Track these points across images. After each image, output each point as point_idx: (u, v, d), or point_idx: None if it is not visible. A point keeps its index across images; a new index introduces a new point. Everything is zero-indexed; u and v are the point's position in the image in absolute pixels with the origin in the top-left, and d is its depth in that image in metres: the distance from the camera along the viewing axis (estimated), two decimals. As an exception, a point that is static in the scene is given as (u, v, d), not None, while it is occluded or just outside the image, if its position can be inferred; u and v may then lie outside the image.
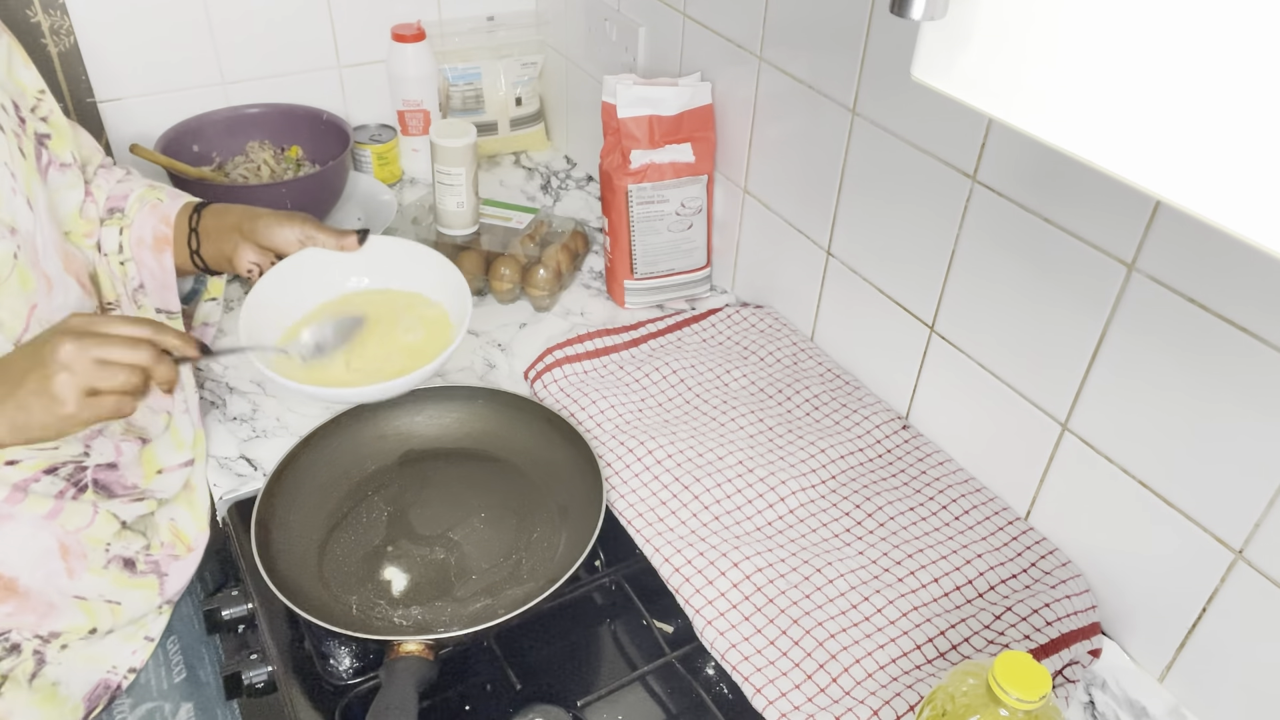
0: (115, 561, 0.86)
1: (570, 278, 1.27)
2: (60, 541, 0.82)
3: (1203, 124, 0.37)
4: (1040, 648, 0.78)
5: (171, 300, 0.93)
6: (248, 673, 0.83)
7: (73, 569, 0.84)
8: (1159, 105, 0.38)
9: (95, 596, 0.85)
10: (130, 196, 0.94)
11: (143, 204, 0.94)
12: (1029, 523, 0.90)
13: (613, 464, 0.95)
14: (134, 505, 0.87)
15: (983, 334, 0.90)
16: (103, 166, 0.97)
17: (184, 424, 0.95)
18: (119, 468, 0.87)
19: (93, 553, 0.85)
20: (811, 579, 0.84)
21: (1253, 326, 0.66)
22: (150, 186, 0.96)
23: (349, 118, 1.47)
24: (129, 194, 0.94)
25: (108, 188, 0.95)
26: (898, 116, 0.92)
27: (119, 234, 0.92)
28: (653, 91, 1.12)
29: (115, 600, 0.86)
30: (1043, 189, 0.80)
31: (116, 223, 0.92)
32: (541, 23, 1.55)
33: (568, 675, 0.82)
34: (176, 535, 0.92)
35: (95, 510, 0.84)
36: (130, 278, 0.92)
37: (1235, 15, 0.35)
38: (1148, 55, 0.38)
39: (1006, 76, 0.44)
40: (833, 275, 1.08)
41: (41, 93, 0.87)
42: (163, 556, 0.91)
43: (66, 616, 0.83)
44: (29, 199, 0.79)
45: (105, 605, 0.86)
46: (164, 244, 0.92)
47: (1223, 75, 0.36)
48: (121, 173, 0.98)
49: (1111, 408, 0.79)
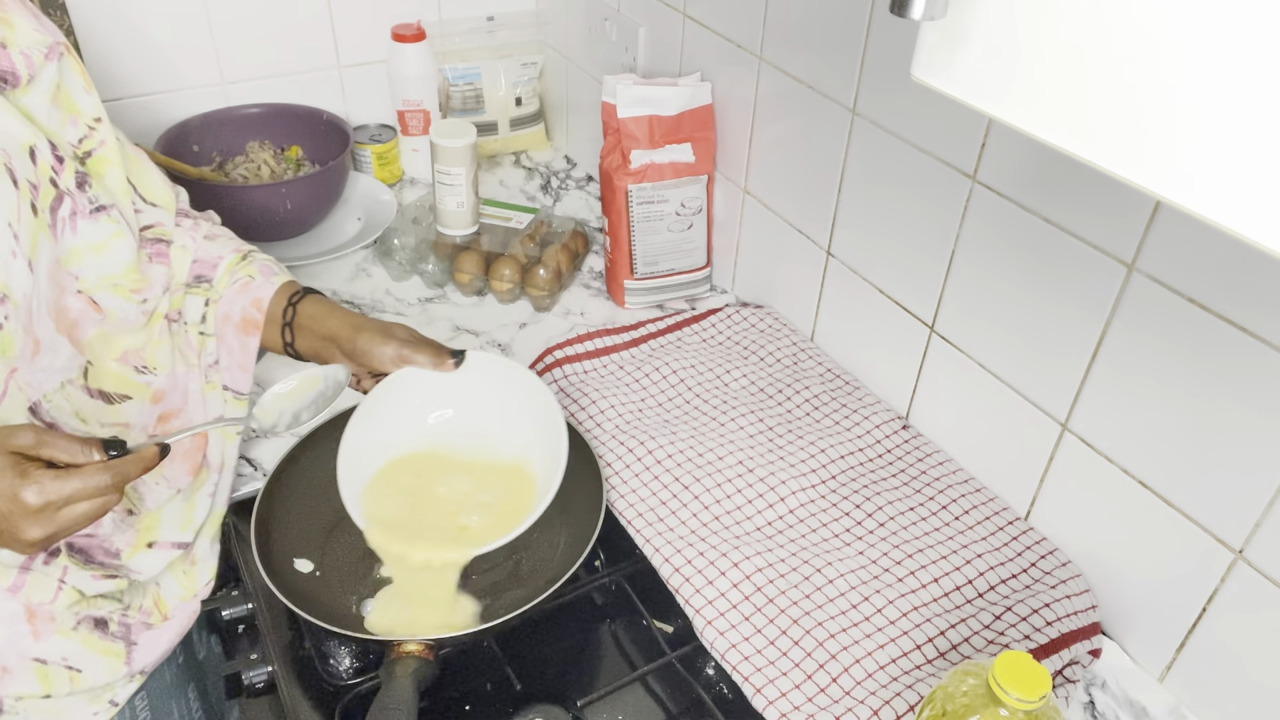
0: (86, 622, 0.81)
1: (570, 278, 1.27)
2: (26, 606, 0.78)
3: (1203, 124, 0.37)
4: (1040, 648, 0.78)
5: (245, 383, 0.89)
6: (248, 673, 0.83)
7: (39, 632, 0.79)
8: (1159, 105, 0.38)
9: (57, 660, 0.80)
10: (220, 266, 0.88)
11: (233, 279, 0.88)
12: (1029, 523, 0.90)
13: (613, 464, 0.95)
14: (103, 582, 0.82)
15: (983, 334, 0.90)
16: (184, 215, 0.90)
17: (202, 504, 0.89)
18: (98, 536, 0.81)
19: (62, 616, 0.80)
20: (811, 579, 0.84)
21: (1253, 326, 0.66)
22: (240, 255, 0.90)
23: (349, 118, 1.47)
24: (218, 262, 0.89)
25: (193, 248, 0.88)
26: (898, 116, 0.92)
27: (204, 305, 0.88)
28: (653, 91, 1.12)
29: (76, 668, 0.81)
30: (1043, 189, 0.80)
31: (203, 294, 0.88)
32: (541, 23, 1.55)
33: (568, 675, 0.82)
34: (156, 603, 0.87)
35: (60, 585, 0.79)
36: (208, 352, 0.88)
37: (1235, 15, 0.35)
38: (1148, 55, 0.38)
39: (1006, 76, 0.44)
40: (833, 275, 1.08)
41: (96, 121, 0.80)
42: (135, 623, 0.85)
43: (20, 682, 0.79)
44: (30, 260, 0.74)
45: (65, 672, 0.81)
46: (253, 328, 0.87)
47: (1222, 75, 0.36)
48: (208, 225, 0.91)
49: (1111, 408, 0.79)
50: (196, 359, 0.88)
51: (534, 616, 0.83)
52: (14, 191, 0.72)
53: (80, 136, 0.80)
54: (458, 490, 0.87)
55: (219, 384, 0.89)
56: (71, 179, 0.78)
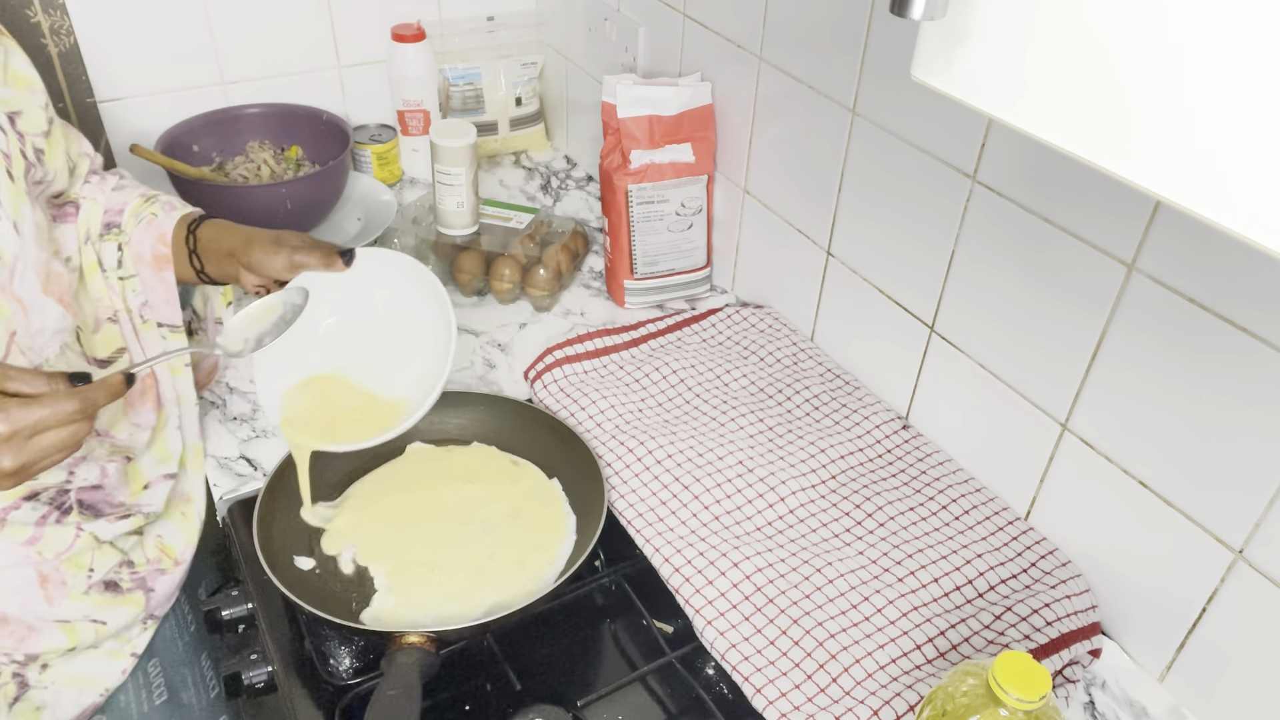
0: (96, 587, 0.86)
1: (570, 278, 1.27)
2: (38, 570, 0.82)
3: (1202, 123, 0.37)
4: (1040, 648, 0.78)
5: (174, 315, 0.92)
6: (248, 673, 0.83)
7: (52, 596, 0.83)
8: (1159, 105, 0.38)
9: (80, 618, 0.85)
10: (125, 210, 0.91)
11: (138, 219, 0.91)
12: (1029, 523, 0.90)
13: (613, 464, 0.95)
14: (120, 523, 0.87)
15: (983, 334, 0.90)
16: (93, 173, 0.93)
17: (173, 438, 0.94)
18: (105, 488, 0.86)
19: (72, 579, 0.84)
20: (811, 579, 0.84)
21: (1253, 326, 0.66)
22: (144, 198, 0.93)
23: (349, 118, 1.47)
24: (124, 207, 0.91)
25: (103, 199, 0.91)
26: (898, 116, 0.92)
27: (118, 250, 0.90)
28: (653, 91, 1.12)
29: (100, 620, 0.86)
30: (1043, 189, 0.80)
31: (114, 238, 0.90)
32: (541, 23, 1.55)
33: (568, 675, 0.82)
34: (163, 550, 0.92)
35: (78, 533, 0.83)
36: (136, 294, 0.91)
37: (1234, 16, 0.35)
38: (1148, 55, 0.38)
39: (1006, 76, 0.44)
40: (833, 275, 1.08)
41: (43, 105, 0.83)
42: (149, 572, 0.90)
43: (46, 638, 0.83)
44: (15, 222, 0.77)
45: (89, 625, 0.85)
46: (164, 262, 0.90)
47: (1222, 75, 0.36)
48: (115, 179, 0.94)
49: (1111, 407, 0.79)
50: (124, 303, 0.91)
51: (534, 616, 0.84)
52: None
53: (27, 112, 0.83)
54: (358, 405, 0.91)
55: (153, 322, 0.92)
56: (26, 155, 0.81)
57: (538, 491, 0.93)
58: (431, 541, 0.87)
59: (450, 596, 0.83)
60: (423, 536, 0.88)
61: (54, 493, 0.82)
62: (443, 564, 0.85)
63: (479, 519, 0.90)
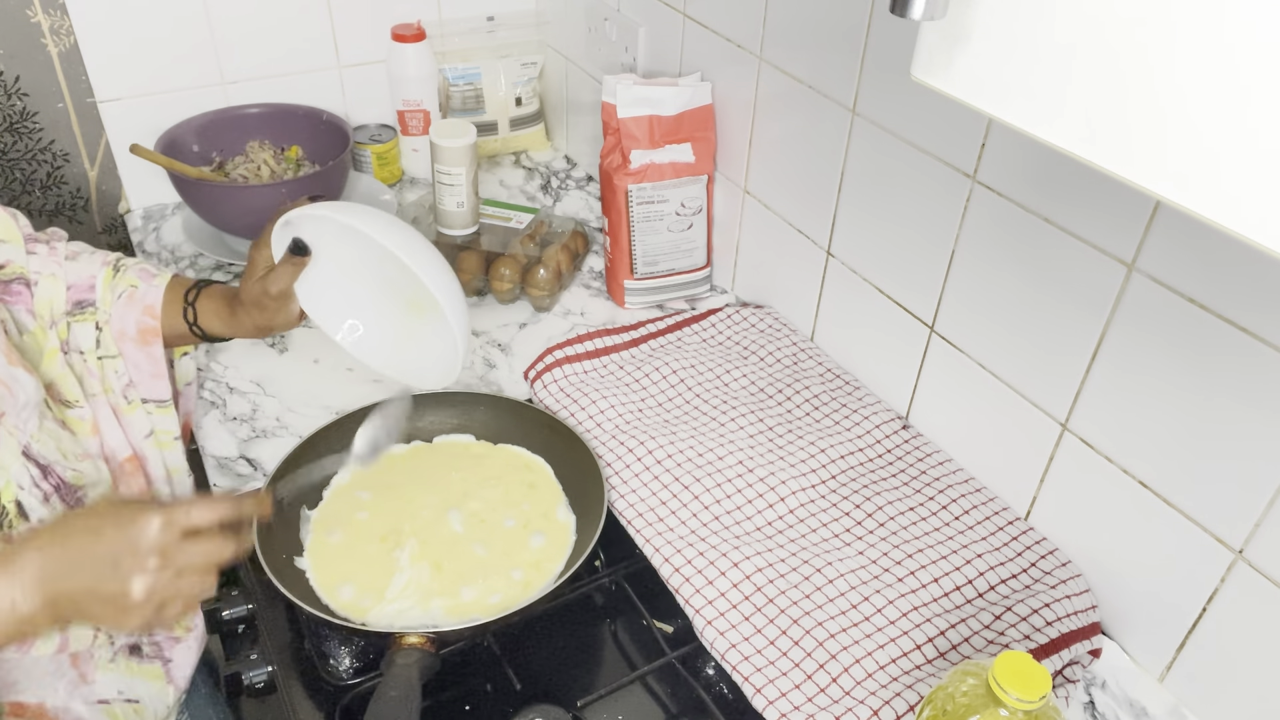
0: (122, 651, 0.86)
1: (570, 278, 1.27)
2: (70, 655, 0.83)
3: (1202, 124, 0.37)
4: (1040, 648, 0.78)
5: (164, 389, 0.90)
6: (248, 673, 0.83)
7: (85, 674, 0.84)
8: (1159, 105, 0.38)
9: (114, 697, 0.85)
10: (97, 287, 0.87)
11: (115, 294, 0.87)
12: (1029, 523, 0.90)
13: (613, 464, 0.95)
14: None
15: (983, 334, 0.90)
16: (32, 240, 0.86)
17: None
18: None
19: (99, 651, 0.85)
20: (811, 579, 0.84)
21: (1253, 326, 0.66)
22: (110, 268, 0.88)
23: (349, 118, 1.47)
24: (93, 282, 0.87)
25: (62, 274, 0.85)
26: (898, 116, 0.92)
27: (95, 330, 0.86)
28: (653, 91, 1.12)
29: (133, 699, 0.86)
30: (1043, 189, 0.80)
31: (90, 318, 0.86)
32: (541, 23, 1.54)
33: (568, 675, 0.82)
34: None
35: (96, 632, 0.84)
36: (118, 374, 0.88)
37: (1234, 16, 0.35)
38: (1148, 55, 0.38)
39: (1006, 76, 0.44)
40: (833, 275, 1.08)
41: None
42: (163, 639, 0.91)
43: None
44: None
45: (125, 705, 0.86)
46: (152, 336, 0.87)
47: (1222, 75, 0.36)
48: (63, 246, 0.88)
49: (1111, 408, 0.79)
50: (100, 385, 0.87)
51: (534, 616, 0.84)
52: None
53: None
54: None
55: (138, 401, 0.89)
56: None
57: (539, 490, 0.93)
58: (431, 541, 0.87)
59: (450, 597, 0.83)
60: (422, 535, 0.88)
61: None
62: (443, 564, 0.85)
63: (478, 518, 0.90)
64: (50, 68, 1.27)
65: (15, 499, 0.75)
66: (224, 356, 1.11)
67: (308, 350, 1.13)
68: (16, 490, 0.75)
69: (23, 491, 0.76)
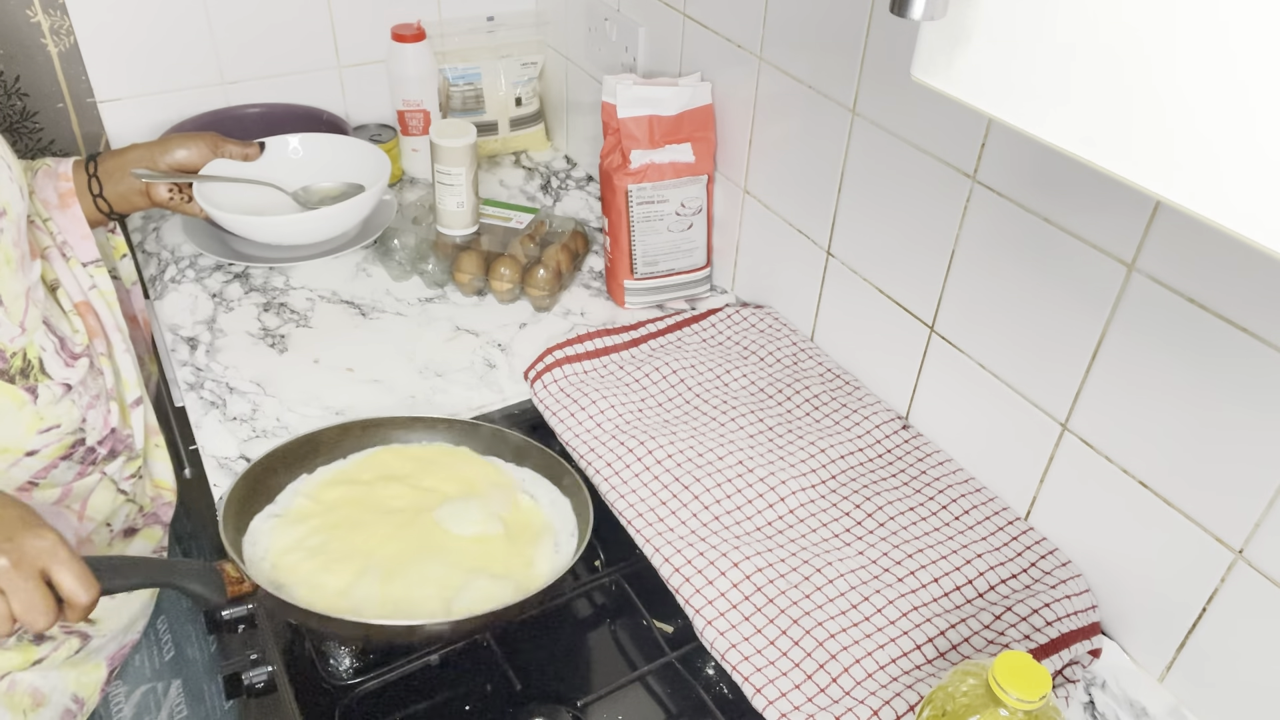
0: (118, 537, 0.91)
1: (570, 278, 1.27)
2: (76, 534, 0.87)
3: (1201, 124, 0.37)
4: (1040, 648, 0.78)
5: (91, 250, 0.94)
6: (248, 673, 0.83)
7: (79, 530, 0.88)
8: (1159, 105, 0.38)
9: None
10: (13, 166, 0.94)
11: (33, 172, 0.94)
12: (1029, 523, 0.90)
13: (613, 464, 0.95)
14: (128, 464, 0.92)
15: (983, 334, 0.90)
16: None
17: (126, 363, 0.95)
18: (117, 430, 0.91)
19: (98, 536, 0.89)
20: (811, 579, 0.84)
21: (1253, 326, 0.66)
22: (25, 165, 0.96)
23: (349, 118, 1.47)
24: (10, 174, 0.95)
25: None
26: (898, 116, 0.92)
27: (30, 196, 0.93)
28: (653, 91, 1.12)
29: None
30: (1043, 189, 0.80)
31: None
32: (541, 23, 1.54)
33: (568, 675, 0.82)
34: (158, 486, 0.99)
35: (100, 478, 0.89)
36: (54, 235, 0.93)
37: (1234, 16, 0.35)
38: (1148, 55, 0.38)
39: (1006, 76, 0.44)
40: (833, 275, 1.08)
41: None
42: (160, 508, 0.98)
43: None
44: (21, 187, 0.83)
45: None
46: (69, 198, 0.94)
47: (1221, 75, 0.36)
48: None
49: (1111, 407, 0.79)
50: (51, 239, 0.93)
51: (534, 616, 0.84)
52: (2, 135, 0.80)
53: None
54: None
55: (76, 260, 0.94)
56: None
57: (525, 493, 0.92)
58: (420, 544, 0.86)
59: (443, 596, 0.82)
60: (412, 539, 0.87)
61: (83, 451, 0.87)
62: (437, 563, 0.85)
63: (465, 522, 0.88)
64: (50, 68, 1.27)
65: (39, 356, 0.83)
66: (224, 357, 1.11)
67: (308, 350, 1.13)
68: (39, 350, 0.83)
69: (44, 353, 0.84)
